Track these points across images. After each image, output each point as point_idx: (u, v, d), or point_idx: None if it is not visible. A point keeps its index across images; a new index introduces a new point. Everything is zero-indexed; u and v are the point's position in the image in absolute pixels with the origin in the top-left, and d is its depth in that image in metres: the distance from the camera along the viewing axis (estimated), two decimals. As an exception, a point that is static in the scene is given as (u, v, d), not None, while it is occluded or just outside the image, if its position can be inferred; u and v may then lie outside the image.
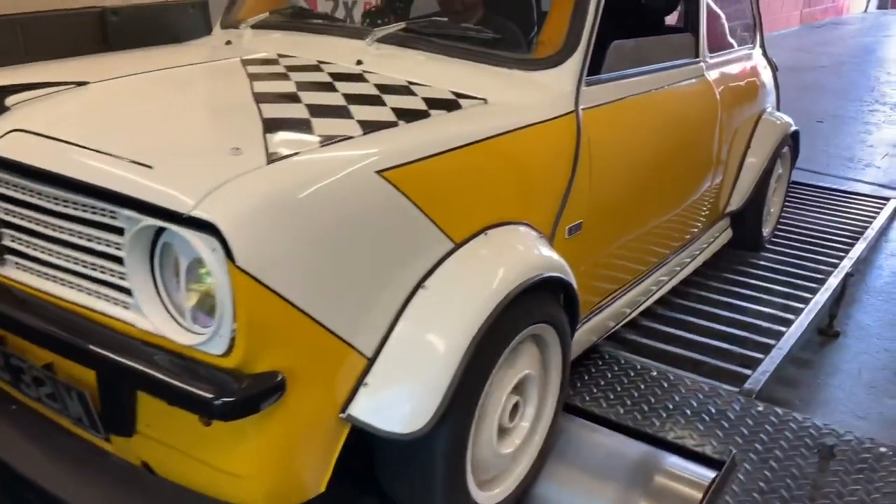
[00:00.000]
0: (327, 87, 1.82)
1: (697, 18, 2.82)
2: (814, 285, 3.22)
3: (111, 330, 1.44)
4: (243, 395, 1.30)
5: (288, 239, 1.33)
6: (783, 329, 2.80)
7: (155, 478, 1.57)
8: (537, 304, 1.78)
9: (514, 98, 1.95)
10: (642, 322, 2.79)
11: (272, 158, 1.39)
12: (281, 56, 2.11)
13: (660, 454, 2.04)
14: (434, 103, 1.80)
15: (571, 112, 2.01)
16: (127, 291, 1.41)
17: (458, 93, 1.90)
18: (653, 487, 1.94)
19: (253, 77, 1.86)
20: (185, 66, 2.00)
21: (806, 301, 3.04)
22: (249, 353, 1.32)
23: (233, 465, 1.43)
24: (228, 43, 2.33)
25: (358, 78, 1.93)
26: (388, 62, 2.07)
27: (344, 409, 1.50)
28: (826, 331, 3.15)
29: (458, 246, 1.65)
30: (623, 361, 2.45)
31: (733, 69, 3.18)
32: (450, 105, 1.82)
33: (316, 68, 1.98)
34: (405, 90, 1.87)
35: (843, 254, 3.61)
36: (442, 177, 1.62)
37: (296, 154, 1.43)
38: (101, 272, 1.44)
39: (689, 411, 2.21)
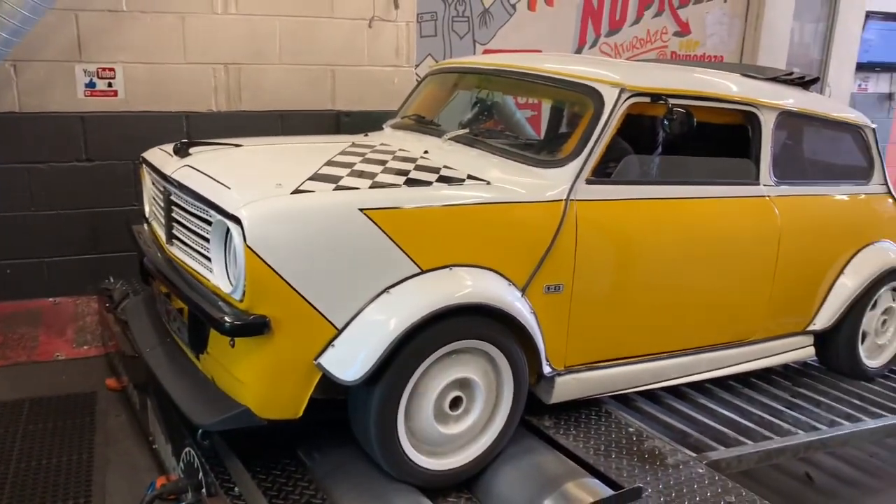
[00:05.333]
0: (380, 163, 2.72)
1: (759, 148, 3.25)
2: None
3: (201, 284, 2.45)
4: (239, 322, 2.19)
5: (284, 237, 2.21)
6: (793, 431, 3.02)
7: (214, 386, 2.50)
8: (475, 323, 2.44)
9: (516, 184, 2.66)
10: (666, 399, 3.18)
11: (295, 191, 2.31)
12: (381, 143, 3.07)
13: (581, 473, 2.51)
14: (443, 178, 2.60)
15: (561, 200, 2.66)
16: (209, 259, 2.40)
17: (472, 175, 2.67)
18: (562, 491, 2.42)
19: (342, 152, 2.84)
20: (313, 143, 3.06)
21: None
22: (252, 301, 2.22)
23: (240, 373, 2.32)
24: (366, 135, 3.36)
25: (409, 160, 2.80)
26: (446, 153, 2.93)
27: (317, 358, 2.31)
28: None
29: (423, 271, 2.40)
30: (613, 416, 2.91)
31: (821, 198, 3.48)
32: (454, 181, 2.60)
33: (389, 152, 2.90)
34: (432, 170, 2.69)
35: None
36: (417, 222, 2.39)
37: (311, 192, 2.33)
38: (202, 248, 2.46)
39: (635, 458, 2.62)
